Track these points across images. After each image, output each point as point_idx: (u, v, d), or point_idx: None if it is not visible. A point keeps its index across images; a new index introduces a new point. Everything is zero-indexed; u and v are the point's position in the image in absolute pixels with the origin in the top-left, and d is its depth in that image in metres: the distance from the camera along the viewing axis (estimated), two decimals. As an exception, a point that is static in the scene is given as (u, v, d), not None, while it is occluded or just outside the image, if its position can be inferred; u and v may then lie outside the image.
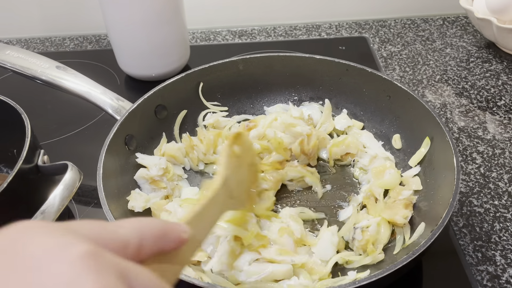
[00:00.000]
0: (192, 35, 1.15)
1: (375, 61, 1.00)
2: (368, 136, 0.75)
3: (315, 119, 0.78)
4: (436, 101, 0.90)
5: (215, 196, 0.46)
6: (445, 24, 1.14)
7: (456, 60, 1.01)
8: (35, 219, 0.54)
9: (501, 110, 0.86)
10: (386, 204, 0.62)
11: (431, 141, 0.66)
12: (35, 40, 1.17)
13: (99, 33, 1.18)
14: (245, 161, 0.57)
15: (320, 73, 0.79)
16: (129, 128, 0.68)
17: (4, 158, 0.75)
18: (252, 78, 0.81)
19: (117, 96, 0.73)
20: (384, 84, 0.73)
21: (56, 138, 0.84)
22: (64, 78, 0.73)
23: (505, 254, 0.62)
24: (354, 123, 0.78)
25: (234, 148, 0.54)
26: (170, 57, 0.94)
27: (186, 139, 0.74)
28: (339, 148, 0.72)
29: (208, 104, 0.80)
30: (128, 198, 0.64)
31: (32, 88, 0.83)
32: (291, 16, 1.16)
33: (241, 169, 0.56)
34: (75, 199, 0.72)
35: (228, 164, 0.52)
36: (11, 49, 0.76)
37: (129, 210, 0.63)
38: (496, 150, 0.78)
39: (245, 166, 0.57)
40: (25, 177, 0.58)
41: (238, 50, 1.04)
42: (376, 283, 0.46)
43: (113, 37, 0.92)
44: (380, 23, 1.15)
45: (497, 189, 0.71)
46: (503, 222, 0.66)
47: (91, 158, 0.64)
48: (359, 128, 0.77)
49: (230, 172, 0.51)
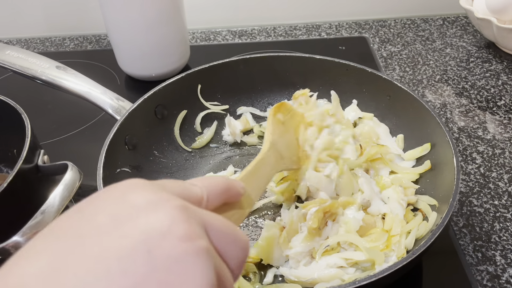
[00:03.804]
0: (192, 35, 1.15)
1: (375, 61, 1.00)
2: (384, 129, 0.73)
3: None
4: (436, 101, 0.90)
5: (264, 157, 0.51)
6: (445, 24, 1.14)
7: (456, 60, 1.01)
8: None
9: (501, 110, 0.86)
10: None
11: (431, 147, 0.66)
12: (35, 40, 1.17)
13: (99, 33, 1.18)
14: (291, 126, 0.62)
15: (320, 73, 0.79)
16: (129, 128, 0.68)
17: (4, 158, 0.75)
18: (252, 78, 0.81)
19: (117, 96, 0.73)
20: (384, 84, 0.73)
21: (56, 138, 0.84)
22: (64, 78, 0.73)
23: (505, 254, 0.62)
24: (364, 115, 0.76)
25: (278, 116, 0.59)
26: (170, 57, 0.94)
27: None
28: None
29: (208, 104, 0.80)
30: None
31: (32, 88, 0.83)
32: (291, 16, 1.16)
33: (288, 133, 0.60)
34: (75, 199, 0.71)
35: (274, 130, 0.57)
36: (11, 49, 0.76)
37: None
38: (496, 150, 0.78)
39: (291, 131, 0.61)
40: (25, 177, 0.58)
41: (238, 50, 1.04)
42: (376, 283, 0.46)
43: (113, 37, 0.92)
44: (380, 23, 1.15)
45: (497, 189, 0.71)
46: (503, 222, 0.66)
47: (91, 158, 0.64)
48: (369, 119, 0.75)
49: (276, 136, 0.56)
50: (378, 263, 0.55)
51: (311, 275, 0.55)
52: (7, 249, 0.50)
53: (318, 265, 0.56)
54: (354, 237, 0.57)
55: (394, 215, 0.60)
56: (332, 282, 0.54)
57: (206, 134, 0.79)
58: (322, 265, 0.56)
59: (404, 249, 0.56)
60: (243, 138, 0.78)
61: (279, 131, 0.58)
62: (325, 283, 0.54)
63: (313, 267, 0.56)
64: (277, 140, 0.56)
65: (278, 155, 0.55)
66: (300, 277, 0.55)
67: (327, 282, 0.54)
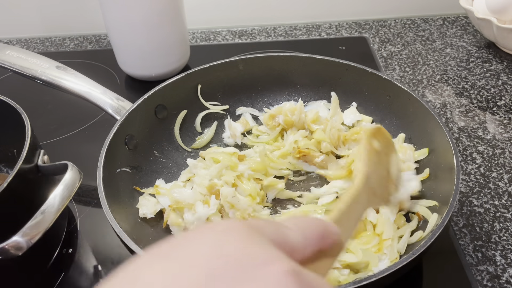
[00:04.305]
0: (192, 35, 1.15)
1: (375, 61, 1.00)
2: None
3: (322, 116, 0.76)
4: (436, 101, 0.90)
5: (358, 194, 0.43)
6: (445, 24, 1.14)
7: (456, 60, 1.01)
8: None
9: (501, 110, 0.86)
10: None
11: (432, 147, 0.66)
12: (35, 40, 1.17)
13: (99, 33, 1.18)
14: (385, 156, 0.54)
15: (320, 73, 0.79)
16: (129, 128, 0.68)
17: (4, 158, 0.75)
18: (252, 78, 0.81)
19: (117, 96, 0.73)
20: (384, 84, 0.73)
21: (56, 138, 0.84)
22: (64, 78, 0.73)
23: (505, 254, 0.62)
24: (363, 117, 0.76)
25: (373, 143, 0.52)
26: (170, 57, 0.94)
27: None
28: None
29: (208, 105, 0.80)
30: (138, 206, 0.64)
31: (32, 88, 0.83)
32: (291, 16, 1.16)
33: (382, 165, 0.53)
34: (75, 199, 0.72)
35: (369, 160, 0.49)
36: (11, 49, 0.76)
37: (140, 217, 0.63)
38: (496, 150, 0.78)
39: (385, 162, 0.54)
40: (25, 177, 0.58)
41: (238, 50, 1.04)
42: (376, 283, 0.46)
43: (113, 37, 0.92)
44: (380, 23, 1.15)
45: (497, 189, 0.71)
46: (503, 222, 0.66)
47: (91, 158, 0.64)
48: (368, 123, 0.75)
49: (371, 169, 0.49)
50: (373, 264, 0.54)
51: None
52: (7, 249, 0.50)
53: None
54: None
55: (385, 219, 0.59)
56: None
57: (206, 134, 0.79)
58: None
59: (397, 253, 0.56)
60: (243, 140, 0.78)
61: (373, 161, 0.50)
62: None
63: None
64: (371, 173, 0.48)
65: (371, 191, 0.47)
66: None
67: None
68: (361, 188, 0.45)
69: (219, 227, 0.25)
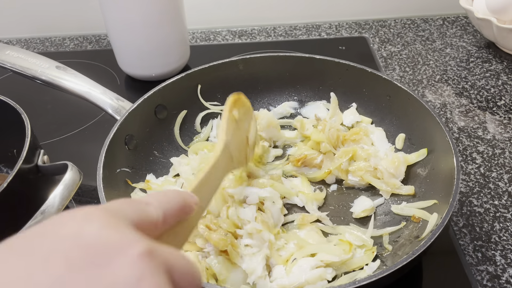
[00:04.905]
0: (192, 35, 1.15)
1: (375, 61, 1.00)
2: (380, 134, 0.73)
3: (322, 117, 0.76)
4: (436, 101, 0.90)
5: (217, 161, 0.47)
6: (445, 24, 1.14)
7: (456, 60, 1.01)
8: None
9: (501, 110, 0.86)
10: None
11: (431, 148, 0.66)
12: (35, 40, 1.17)
13: (99, 33, 1.18)
14: (244, 123, 0.57)
15: (320, 73, 0.79)
16: (129, 128, 0.68)
17: (4, 158, 0.75)
18: (252, 78, 0.81)
19: (117, 96, 0.73)
20: (384, 84, 0.73)
21: (56, 138, 0.84)
22: (64, 78, 0.73)
23: (505, 254, 0.62)
24: (362, 118, 0.76)
25: (233, 112, 0.55)
26: (170, 57, 0.94)
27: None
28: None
29: (207, 105, 0.80)
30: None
31: (32, 88, 0.83)
32: (291, 16, 1.16)
33: (240, 131, 0.56)
34: (75, 199, 0.72)
35: (228, 129, 0.52)
36: (11, 49, 0.76)
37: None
38: (496, 150, 0.78)
39: (243, 129, 0.57)
40: (25, 177, 0.58)
41: (238, 50, 1.04)
42: (376, 283, 0.46)
43: (113, 37, 0.92)
44: (380, 23, 1.15)
45: (497, 189, 0.71)
46: (503, 222, 0.66)
47: (91, 158, 0.64)
48: (367, 124, 0.76)
49: (230, 137, 0.52)
50: (357, 264, 0.56)
51: (298, 279, 0.54)
52: (7, 249, 0.50)
53: (302, 269, 0.55)
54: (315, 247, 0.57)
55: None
56: (319, 284, 0.54)
57: (203, 133, 0.79)
58: (306, 268, 0.55)
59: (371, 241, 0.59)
60: None
61: (233, 129, 0.53)
62: (312, 285, 0.54)
63: (296, 272, 0.55)
64: (230, 141, 0.51)
65: (229, 157, 0.51)
66: (285, 286, 0.54)
67: (314, 284, 0.54)
68: (220, 156, 0.48)
69: (79, 215, 0.26)
